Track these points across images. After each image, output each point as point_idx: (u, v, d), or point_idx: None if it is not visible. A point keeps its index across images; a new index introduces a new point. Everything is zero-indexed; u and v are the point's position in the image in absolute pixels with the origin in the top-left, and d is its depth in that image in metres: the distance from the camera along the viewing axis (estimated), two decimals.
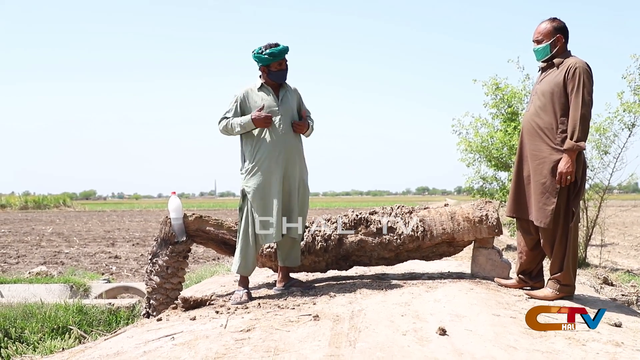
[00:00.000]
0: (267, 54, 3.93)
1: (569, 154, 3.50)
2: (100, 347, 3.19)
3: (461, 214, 4.37)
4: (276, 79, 4.02)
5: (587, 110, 3.48)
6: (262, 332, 2.94)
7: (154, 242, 4.43)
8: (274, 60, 3.95)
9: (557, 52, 3.71)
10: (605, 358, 2.54)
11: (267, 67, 3.99)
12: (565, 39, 3.74)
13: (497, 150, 8.97)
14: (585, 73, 3.52)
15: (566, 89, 3.56)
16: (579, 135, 3.47)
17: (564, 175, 3.51)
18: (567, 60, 3.65)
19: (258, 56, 3.97)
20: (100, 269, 9.47)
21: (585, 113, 3.48)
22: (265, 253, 4.45)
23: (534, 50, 3.79)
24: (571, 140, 3.49)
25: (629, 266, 8.47)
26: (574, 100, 3.51)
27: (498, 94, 9.13)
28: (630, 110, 7.40)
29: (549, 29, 3.71)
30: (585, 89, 3.49)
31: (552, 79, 3.65)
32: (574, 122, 3.49)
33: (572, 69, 3.54)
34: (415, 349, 2.58)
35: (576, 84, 3.51)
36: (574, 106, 3.50)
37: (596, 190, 8.09)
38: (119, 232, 17.90)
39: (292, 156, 4.00)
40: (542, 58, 3.77)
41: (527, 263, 3.95)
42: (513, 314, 3.25)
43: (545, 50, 3.72)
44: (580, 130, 3.47)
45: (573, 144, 3.48)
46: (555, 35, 3.69)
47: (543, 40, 3.72)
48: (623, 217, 21.64)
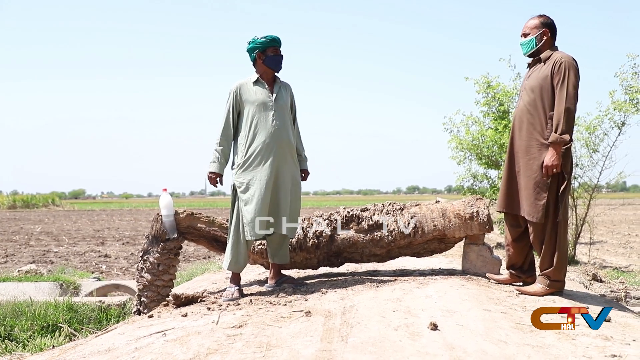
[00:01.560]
0: (264, 37, 3.99)
1: (554, 146, 3.53)
2: (91, 344, 3.18)
3: (452, 211, 4.39)
4: (272, 64, 4.03)
5: (571, 104, 3.51)
6: (254, 328, 2.94)
7: (145, 239, 4.42)
8: (271, 44, 4.00)
9: (543, 46, 3.75)
10: (595, 352, 2.56)
11: (263, 52, 4.01)
12: (552, 34, 3.78)
13: (487, 148, 9.01)
14: (571, 67, 3.55)
15: (553, 83, 3.59)
16: (563, 128, 3.50)
17: (550, 168, 3.54)
18: (554, 54, 3.68)
19: (254, 42, 4.01)
20: (90, 267, 9.43)
21: (569, 106, 3.51)
22: (257, 250, 4.44)
23: (521, 44, 3.84)
24: (555, 133, 3.52)
25: (617, 263, 8.54)
26: (559, 93, 3.54)
27: (489, 92, 9.18)
28: (620, 109, 7.46)
29: (536, 24, 3.76)
30: (570, 82, 3.52)
31: (540, 74, 3.69)
32: (558, 115, 3.53)
33: (558, 63, 3.58)
34: (407, 343, 2.59)
35: (561, 77, 3.54)
36: (559, 100, 3.54)
37: (585, 188, 8.15)
38: (108, 231, 17.82)
39: (284, 152, 4.00)
40: (528, 51, 3.81)
41: (515, 256, 3.98)
42: (504, 309, 3.27)
43: (531, 43, 3.77)
44: (565, 123, 3.50)
45: (557, 137, 3.51)
46: (541, 29, 3.74)
47: (529, 34, 3.78)
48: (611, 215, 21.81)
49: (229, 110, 4.00)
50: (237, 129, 4.03)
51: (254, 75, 4.08)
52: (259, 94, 3.99)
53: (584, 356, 2.49)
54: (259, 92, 4.00)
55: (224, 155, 4.00)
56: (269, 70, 4.07)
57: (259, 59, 4.04)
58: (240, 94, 4.00)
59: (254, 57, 4.06)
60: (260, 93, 4.00)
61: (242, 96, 4.00)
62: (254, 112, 3.96)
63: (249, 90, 4.01)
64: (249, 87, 4.02)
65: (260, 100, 3.97)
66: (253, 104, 3.96)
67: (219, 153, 3.99)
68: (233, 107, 4.00)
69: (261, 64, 4.04)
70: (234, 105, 4.00)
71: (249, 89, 4.01)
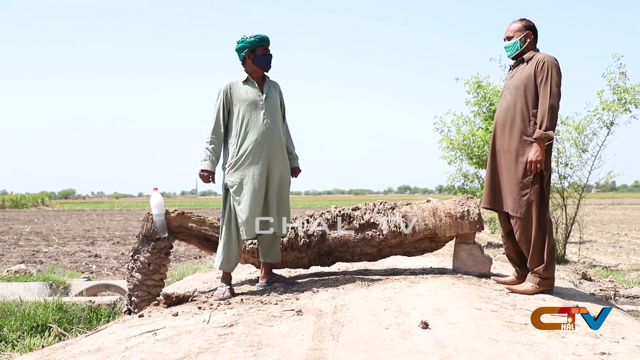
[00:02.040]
0: (253, 37, 3.99)
1: (538, 142, 3.63)
2: (80, 344, 3.17)
3: (443, 210, 4.40)
4: (262, 63, 4.04)
5: (555, 101, 3.62)
6: (245, 327, 2.94)
7: (135, 238, 4.40)
8: (260, 43, 4.01)
9: (526, 48, 3.87)
10: (584, 349, 2.57)
11: (252, 52, 4.02)
12: (534, 36, 3.90)
13: (478, 148, 9.05)
14: (553, 66, 3.66)
15: (536, 82, 3.70)
16: (547, 124, 3.60)
17: (534, 163, 3.64)
18: (536, 55, 3.79)
19: (243, 41, 4.00)
20: (80, 267, 9.37)
21: (553, 104, 3.61)
22: (248, 249, 4.44)
23: (505, 47, 3.96)
24: (540, 129, 3.61)
25: (606, 262, 8.60)
26: (543, 91, 3.65)
27: (480, 92, 9.23)
28: (609, 109, 7.52)
29: (519, 27, 3.88)
30: (553, 81, 3.63)
31: (523, 73, 3.79)
32: (542, 112, 3.63)
33: (541, 63, 3.68)
34: (398, 342, 2.59)
35: (545, 76, 3.65)
36: (543, 97, 3.64)
37: (575, 188, 8.20)
38: (98, 231, 17.73)
39: (275, 151, 4.00)
40: (512, 54, 3.92)
41: (510, 249, 4.05)
42: (494, 308, 3.28)
43: (516, 45, 3.88)
44: (549, 120, 3.60)
45: (542, 133, 3.60)
46: (524, 32, 3.86)
47: (513, 37, 3.89)
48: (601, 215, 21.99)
49: (219, 109, 3.99)
50: (227, 128, 4.02)
51: (244, 74, 4.07)
52: (249, 93, 3.99)
53: (573, 354, 2.51)
54: (249, 91, 4.00)
55: (215, 153, 3.99)
56: (259, 70, 4.07)
57: (248, 59, 4.04)
58: (230, 93, 4.00)
59: (243, 57, 4.06)
60: (250, 92, 4.00)
61: (232, 95, 3.99)
62: (245, 111, 3.95)
63: (239, 90, 4.00)
64: (239, 86, 4.01)
65: (250, 99, 3.97)
66: (243, 103, 3.96)
67: (210, 151, 3.97)
68: (223, 105, 3.99)
69: (250, 63, 4.05)
70: (224, 103, 3.99)
71: (239, 88, 4.01)
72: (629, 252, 10.15)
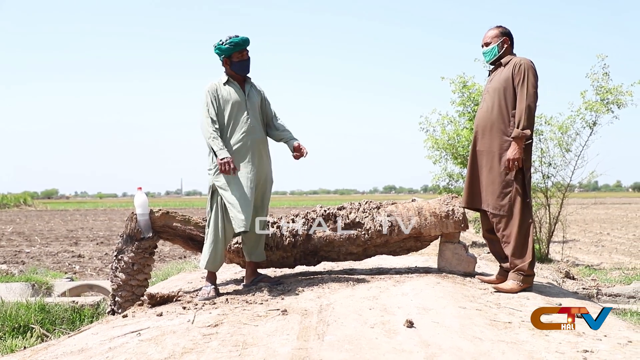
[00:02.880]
0: (227, 44, 3.95)
1: (516, 141, 3.74)
2: (63, 345, 3.13)
3: (428, 209, 4.42)
4: (239, 69, 4.02)
5: (532, 102, 3.75)
6: (230, 326, 2.93)
7: (119, 238, 4.37)
8: (235, 49, 3.96)
9: (504, 53, 4.00)
10: (567, 347, 2.59)
11: (229, 58, 3.99)
12: (511, 42, 4.03)
13: (463, 147, 9.10)
14: (529, 69, 3.79)
15: (514, 84, 3.81)
16: (524, 124, 3.72)
17: (512, 161, 3.74)
18: (513, 59, 3.92)
19: (219, 48, 3.98)
20: (63, 268, 9.27)
21: (530, 104, 3.74)
22: (233, 249, 4.42)
23: (484, 53, 4.09)
24: (517, 128, 3.72)
25: (589, 261, 8.69)
26: (520, 92, 3.77)
27: (465, 92, 9.27)
28: (592, 109, 7.58)
29: (496, 33, 4.02)
30: (529, 82, 3.76)
31: (501, 76, 3.91)
32: (520, 112, 3.74)
33: (518, 65, 3.81)
34: (383, 341, 2.60)
35: (522, 78, 3.78)
36: (520, 98, 3.76)
37: (558, 187, 8.27)
38: (82, 231, 17.57)
39: (259, 151, 4.00)
40: (491, 59, 4.05)
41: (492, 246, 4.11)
42: (479, 307, 3.30)
43: (494, 51, 4.01)
44: (526, 119, 3.72)
45: (519, 132, 3.72)
46: (501, 37, 3.99)
47: (491, 43, 4.02)
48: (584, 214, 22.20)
49: (210, 106, 3.94)
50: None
51: (224, 76, 4.06)
52: (232, 94, 3.98)
53: (557, 352, 2.53)
54: (231, 92, 3.99)
55: (224, 142, 3.91)
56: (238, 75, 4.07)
57: (225, 64, 4.04)
58: (216, 93, 3.98)
59: (221, 60, 4.05)
60: (233, 93, 3.99)
61: (217, 96, 3.97)
62: (229, 111, 3.95)
63: (222, 91, 3.99)
64: (222, 88, 4.00)
65: (233, 100, 3.96)
66: (227, 103, 3.95)
67: (220, 141, 3.87)
68: (212, 102, 3.95)
69: (229, 69, 4.04)
70: (213, 102, 3.96)
71: (223, 90, 3.99)
72: (611, 251, 10.27)
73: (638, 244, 11.43)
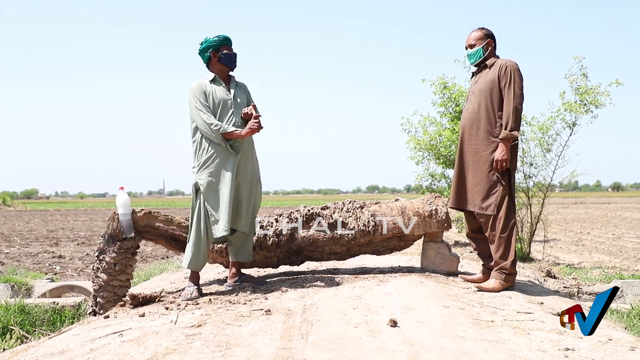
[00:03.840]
0: (216, 37, 4.02)
1: (504, 142, 3.80)
2: (44, 346, 3.09)
3: (411, 209, 4.44)
4: (227, 61, 4.04)
5: (518, 103, 3.80)
6: (213, 327, 2.91)
7: (101, 238, 4.32)
8: (224, 43, 4.03)
9: (488, 55, 4.03)
10: (549, 345, 2.62)
11: (217, 51, 4.03)
12: (494, 43, 4.07)
13: (445, 148, 9.15)
14: (515, 71, 3.85)
15: (500, 85, 3.86)
16: (512, 125, 3.77)
17: (500, 162, 3.80)
18: (498, 61, 3.96)
19: (207, 42, 4.01)
20: (43, 268, 9.15)
21: (517, 106, 3.79)
22: (216, 249, 4.40)
23: (468, 55, 4.11)
24: (505, 130, 3.78)
25: (570, 260, 8.78)
26: (507, 94, 3.82)
27: (446, 93, 9.32)
28: (571, 109, 7.67)
29: (481, 35, 4.05)
30: (516, 84, 3.81)
31: (487, 78, 3.95)
32: (507, 114, 3.80)
33: (504, 67, 3.86)
34: (366, 340, 2.60)
35: (508, 80, 3.83)
36: (507, 100, 3.82)
37: (539, 187, 8.34)
38: (63, 231, 17.36)
39: (244, 150, 3.98)
40: (475, 61, 4.08)
41: (477, 246, 4.14)
42: (462, 306, 3.32)
43: (478, 53, 4.04)
44: (513, 120, 3.78)
45: (507, 133, 3.78)
46: (486, 40, 4.03)
47: (476, 45, 4.05)
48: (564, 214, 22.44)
49: (200, 101, 3.91)
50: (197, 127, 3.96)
51: (210, 74, 4.06)
52: (217, 93, 3.98)
53: (538, 350, 2.55)
54: (217, 90, 3.99)
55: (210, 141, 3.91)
56: (225, 69, 4.07)
57: (213, 58, 4.04)
58: (203, 90, 3.97)
59: (208, 57, 4.05)
60: (218, 92, 3.98)
61: (204, 93, 3.96)
62: (214, 110, 3.93)
63: (208, 88, 3.98)
64: (208, 85, 3.99)
65: (219, 99, 3.95)
66: (213, 102, 3.94)
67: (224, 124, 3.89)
68: (200, 99, 3.92)
69: (216, 62, 4.05)
70: (201, 98, 3.93)
71: (208, 87, 3.98)
72: (592, 250, 10.39)
73: (617, 243, 11.58)
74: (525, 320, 3.07)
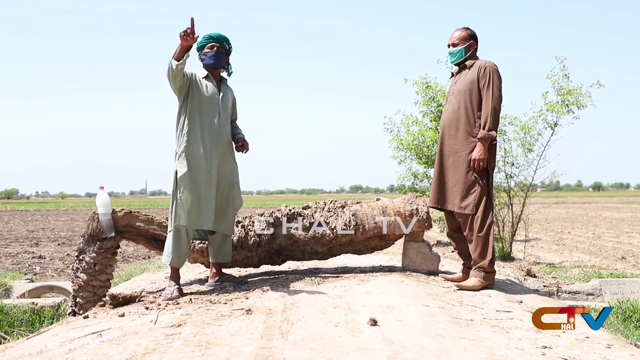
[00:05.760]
0: (203, 38, 4.03)
1: (482, 142, 3.84)
2: (22, 347, 3.06)
3: (392, 208, 4.45)
4: (208, 61, 4.03)
5: (497, 104, 3.85)
6: (193, 326, 2.90)
7: (81, 238, 4.28)
8: (206, 42, 4.03)
9: (470, 56, 4.08)
10: (527, 343, 2.65)
11: (200, 52, 4.06)
12: (477, 45, 4.12)
13: (427, 148, 9.20)
14: (494, 71, 3.89)
15: (479, 86, 3.90)
16: (490, 125, 3.83)
17: (477, 161, 3.84)
18: (477, 61, 4.01)
19: (197, 44, 4.03)
20: (22, 269, 9.06)
21: (495, 106, 3.84)
22: (197, 249, 4.38)
23: (450, 53, 4.14)
24: (483, 130, 3.83)
25: (550, 259, 8.88)
26: (486, 95, 3.87)
27: (428, 92, 9.36)
28: (553, 110, 7.75)
29: (464, 35, 4.09)
30: (494, 85, 3.86)
31: (466, 79, 3.99)
32: (486, 114, 3.85)
33: (483, 68, 3.91)
34: (346, 339, 2.61)
35: (487, 80, 3.87)
36: (486, 100, 3.86)
37: (521, 187, 8.42)
38: (43, 231, 17.17)
39: (224, 150, 3.98)
40: (457, 60, 4.11)
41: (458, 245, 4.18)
42: (441, 305, 3.34)
43: (461, 52, 4.07)
44: (492, 121, 3.83)
45: (485, 133, 3.82)
46: (469, 40, 4.07)
47: (459, 44, 4.08)
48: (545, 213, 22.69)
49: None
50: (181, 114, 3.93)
51: (203, 70, 4.06)
52: (209, 88, 3.98)
53: (517, 348, 2.58)
54: (208, 86, 3.99)
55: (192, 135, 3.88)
56: (211, 69, 4.05)
57: (200, 60, 4.08)
58: (195, 78, 3.96)
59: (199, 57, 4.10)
60: (209, 88, 3.99)
61: (196, 81, 3.95)
62: (202, 104, 3.91)
63: (201, 81, 3.98)
64: (201, 79, 3.99)
65: (209, 94, 3.96)
66: (202, 95, 3.93)
67: None
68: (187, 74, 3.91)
69: (202, 62, 4.07)
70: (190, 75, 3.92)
71: (201, 81, 3.98)
72: (572, 250, 10.51)
73: (597, 243, 11.73)
74: (504, 318, 3.10)
